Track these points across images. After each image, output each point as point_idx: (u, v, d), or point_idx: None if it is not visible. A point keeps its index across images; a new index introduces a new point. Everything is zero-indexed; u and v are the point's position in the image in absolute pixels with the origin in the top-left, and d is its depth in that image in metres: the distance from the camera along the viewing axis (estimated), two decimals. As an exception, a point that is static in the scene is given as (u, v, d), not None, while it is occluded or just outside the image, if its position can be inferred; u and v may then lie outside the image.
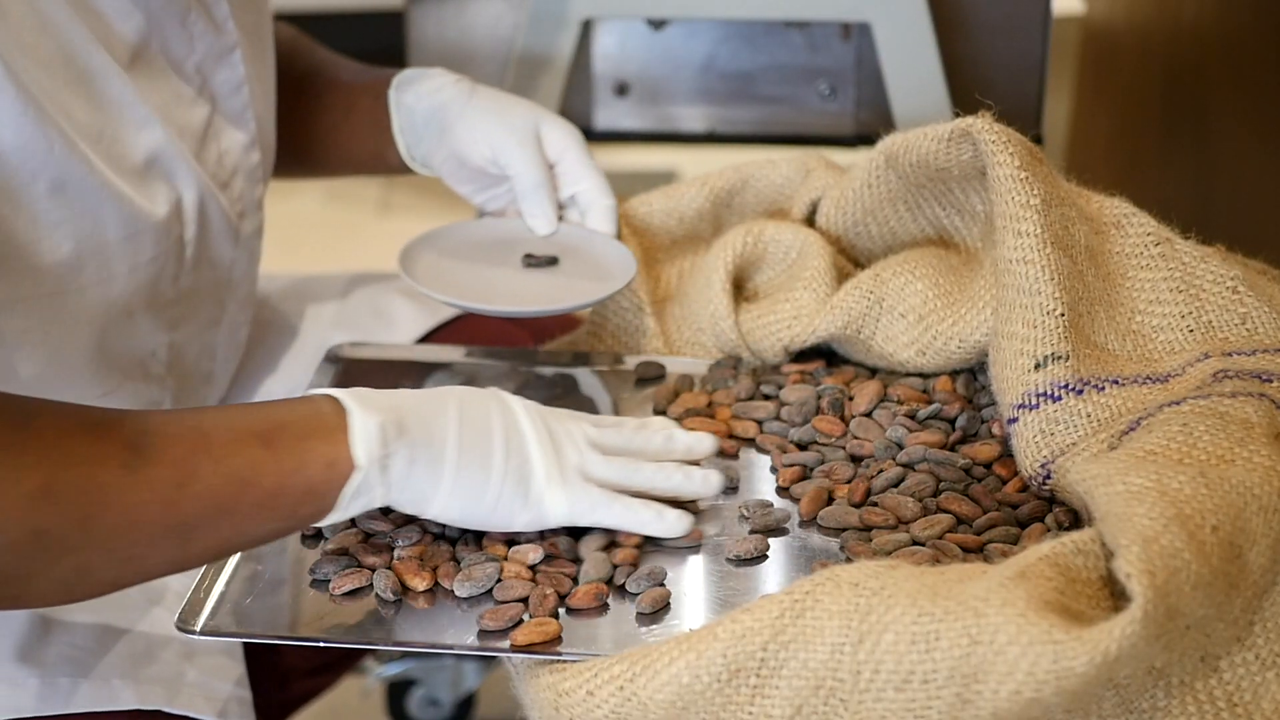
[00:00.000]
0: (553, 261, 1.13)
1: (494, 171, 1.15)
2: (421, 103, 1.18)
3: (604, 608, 0.85)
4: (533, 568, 0.88)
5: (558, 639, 0.83)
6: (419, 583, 0.87)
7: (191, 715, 0.97)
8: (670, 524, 0.89)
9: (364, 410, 0.83)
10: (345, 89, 1.24)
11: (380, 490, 0.83)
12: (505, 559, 0.88)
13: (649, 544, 0.90)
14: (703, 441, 0.94)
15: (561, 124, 1.15)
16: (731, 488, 0.96)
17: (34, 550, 0.75)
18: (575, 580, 0.87)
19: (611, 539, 0.90)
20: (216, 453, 0.80)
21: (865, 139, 1.60)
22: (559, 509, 0.87)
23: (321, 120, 1.25)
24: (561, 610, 0.85)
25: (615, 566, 0.87)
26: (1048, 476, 0.92)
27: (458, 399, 0.87)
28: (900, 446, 0.98)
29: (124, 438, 0.78)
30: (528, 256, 1.13)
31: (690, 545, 0.91)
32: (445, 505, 0.85)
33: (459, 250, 1.14)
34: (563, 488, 0.87)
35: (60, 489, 0.76)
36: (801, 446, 1.00)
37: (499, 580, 0.86)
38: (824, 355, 1.11)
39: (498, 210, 1.20)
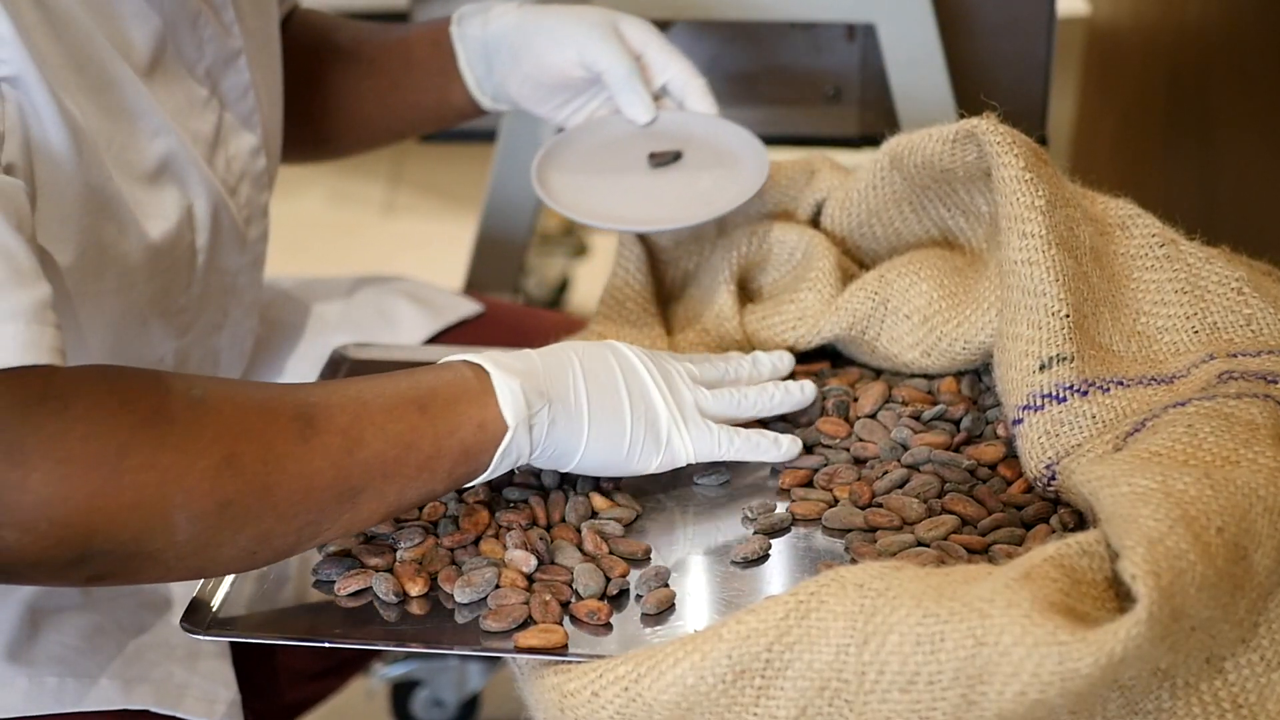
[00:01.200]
0: (677, 156, 1.13)
1: (580, 75, 1.15)
2: (488, 29, 1.19)
3: (607, 626, 0.85)
4: (529, 576, 0.88)
5: (563, 648, 0.83)
6: (414, 588, 0.87)
7: (179, 715, 0.98)
8: (786, 449, 0.96)
9: (505, 374, 0.87)
10: (397, 45, 1.25)
11: (526, 448, 0.87)
12: (503, 563, 0.88)
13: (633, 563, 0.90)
14: (784, 359, 1.03)
15: (637, 19, 1.16)
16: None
17: (220, 521, 0.78)
18: (572, 586, 0.87)
19: (583, 551, 0.90)
20: (378, 419, 0.84)
21: (870, 140, 1.59)
22: (688, 448, 0.92)
23: (380, 81, 1.25)
24: (565, 618, 0.85)
25: (608, 579, 0.87)
26: (1052, 478, 0.92)
27: (578, 355, 0.91)
28: (905, 448, 0.98)
29: (292, 409, 0.82)
30: (653, 156, 1.13)
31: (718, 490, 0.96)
32: (586, 459, 0.90)
33: (585, 164, 1.14)
34: (687, 427, 0.92)
35: (242, 460, 0.79)
36: (806, 448, 1.00)
37: (497, 587, 0.87)
38: (829, 356, 1.11)
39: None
